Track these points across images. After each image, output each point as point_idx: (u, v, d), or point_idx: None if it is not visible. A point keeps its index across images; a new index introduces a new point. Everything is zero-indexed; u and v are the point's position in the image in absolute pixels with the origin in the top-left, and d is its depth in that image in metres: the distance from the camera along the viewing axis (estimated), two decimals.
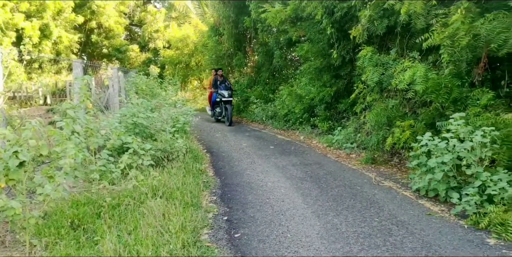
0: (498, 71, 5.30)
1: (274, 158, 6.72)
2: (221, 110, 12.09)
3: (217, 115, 12.55)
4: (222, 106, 11.94)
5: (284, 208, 4.12)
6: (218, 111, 12.38)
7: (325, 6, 7.13)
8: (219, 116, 12.43)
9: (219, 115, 12.40)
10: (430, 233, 3.38)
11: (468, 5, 4.73)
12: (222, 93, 11.61)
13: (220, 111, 12.25)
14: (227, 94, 11.53)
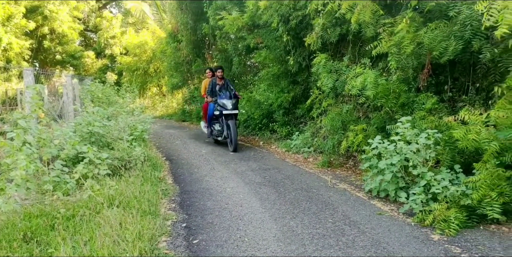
0: (441, 76, 5.64)
1: (233, 164, 6.78)
2: (222, 128, 8.39)
3: (215, 134, 8.71)
4: (223, 122, 8.25)
5: (243, 213, 4.18)
6: (218, 129, 8.55)
7: (280, 14, 7.31)
8: (219, 136, 8.58)
9: (219, 134, 8.55)
10: (380, 231, 3.55)
11: (413, 15, 5.02)
12: (223, 103, 8.10)
13: (220, 129, 8.48)
14: (231, 105, 8.05)
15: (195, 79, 15.65)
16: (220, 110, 8.08)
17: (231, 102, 8.10)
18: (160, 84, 21.55)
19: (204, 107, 9.48)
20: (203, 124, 9.87)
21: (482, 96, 5.01)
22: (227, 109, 8.02)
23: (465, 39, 4.45)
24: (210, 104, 8.73)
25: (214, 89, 8.50)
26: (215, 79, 8.64)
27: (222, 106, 8.08)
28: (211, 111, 8.65)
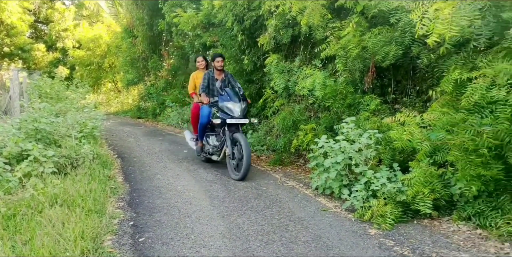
0: (385, 79, 5.93)
1: (186, 162, 6.79)
2: (221, 143, 5.95)
3: (209, 151, 6.19)
4: (223, 135, 5.80)
5: (191, 211, 4.23)
6: (214, 144, 6.14)
7: (235, 13, 7.38)
8: (214, 154, 6.10)
9: (215, 152, 6.09)
10: (322, 227, 3.72)
11: (358, 20, 5.25)
12: (228, 108, 5.66)
13: (217, 145, 6.07)
14: (239, 110, 5.65)
15: (151, 76, 15.42)
16: (222, 118, 5.58)
17: (240, 106, 5.60)
18: (115, 80, 21.05)
19: (193, 111, 6.67)
20: (189, 135, 7.07)
21: (422, 99, 5.32)
22: (234, 116, 5.55)
23: (405, 44, 4.72)
24: (203, 108, 6.01)
25: (212, 87, 6.18)
26: (212, 71, 6.24)
27: (225, 112, 5.61)
28: (205, 118, 6.01)
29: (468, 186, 3.54)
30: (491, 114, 3.57)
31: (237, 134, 5.47)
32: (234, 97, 5.74)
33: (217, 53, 6.40)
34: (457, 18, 3.30)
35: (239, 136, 5.41)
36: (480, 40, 3.75)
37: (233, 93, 5.78)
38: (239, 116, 5.62)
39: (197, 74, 6.81)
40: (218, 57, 6.20)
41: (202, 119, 6.13)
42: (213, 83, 6.24)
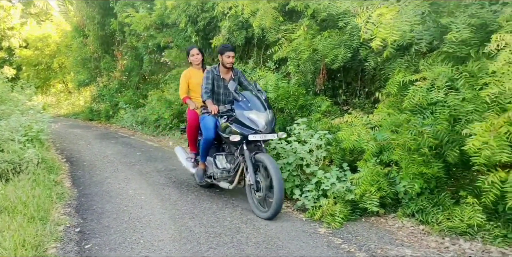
0: (336, 81, 6.09)
1: (139, 165, 6.64)
2: (235, 167, 4.35)
3: (218, 176, 4.52)
4: (246, 158, 4.09)
5: (142, 215, 4.14)
6: (223, 167, 4.47)
7: (188, 14, 7.32)
8: (224, 179, 4.54)
9: (225, 177, 4.49)
10: (273, 227, 3.76)
11: (309, 23, 5.37)
12: (251, 118, 4.11)
13: (228, 168, 4.45)
14: (264, 121, 4.10)
15: (104, 77, 14.96)
16: (242, 134, 4.04)
17: (265, 117, 4.08)
18: (66, 81, 20.23)
19: (189, 122, 4.96)
20: (183, 153, 5.35)
21: (370, 100, 5.51)
22: (258, 130, 4.03)
23: (353, 48, 4.87)
24: (206, 118, 4.51)
25: (218, 89, 4.63)
26: (216, 69, 4.62)
27: (245, 125, 4.07)
28: (210, 131, 4.45)
29: (411, 183, 3.69)
30: (432, 115, 3.76)
31: (261, 155, 3.94)
32: (256, 104, 4.12)
33: (227, 46, 4.57)
34: (399, 23, 3.44)
35: (265, 158, 3.86)
36: (421, 44, 3.93)
37: (255, 99, 4.18)
38: (265, 130, 4.02)
39: (191, 72, 4.99)
40: (229, 52, 4.47)
41: (206, 133, 4.48)
42: (219, 85, 4.62)
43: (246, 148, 4.11)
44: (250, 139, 4.01)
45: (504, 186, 3.09)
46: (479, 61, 3.50)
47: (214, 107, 4.28)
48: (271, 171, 3.77)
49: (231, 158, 4.50)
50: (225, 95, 4.69)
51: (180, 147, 5.66)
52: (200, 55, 5.05)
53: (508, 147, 3.01)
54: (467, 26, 3.51)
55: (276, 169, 3.78)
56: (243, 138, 4.06)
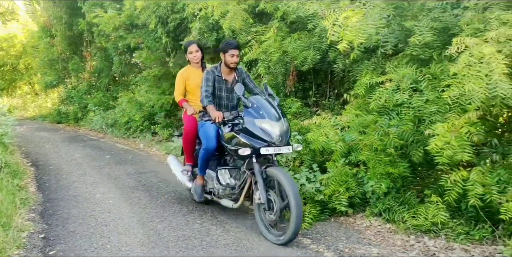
0: (306, 83, 6.15)
1: (108, 168, 6.50)
2: (241, 183, 3.75)
3: (216, 193, 4.02)
4: (256, 173, 3.47)
5: (109, 219, 4.05)
6: (227, 183, 3.90)
7: (158, 15, 7.24)
8: (227, 196, 3.94)
9: (227, 194, 3.92)
10: (244, 229, 3.75)
11: (279, 25, 5.40)
12: (264, 128, 3.44)
13: (233, 184, 3.87)
14: (279, 132, 3.43)
15: (72, 78, 14.58)
16: (253, 146, 3.44)
17: (280, 126, 3.46)
18: (32, 82, 19.58)
19: (186, 128, 4.28)
20: (178, 165, 4.71)
21: (340, 102, 5.59)
22: (272, 142, 3.42)
23: (322, 50, 4.94)
24: (206, 126, 3.92)
25: (219, 93, 4.00)
26: (217, 69, 3.98)
27: (255, 135, 3.46)
28: (211, 140, 3.86)
29: (378, 183, 3.76)
30: (397, 116, 3.85)
31: (273, 169, 3.40)
32: (270, 112, 3.48)
33: (231, 42, 3.90)
34: (365, 26, 3.51)
35: (278, 172, 3.34)
36: (387, 47, 4.02)
37: (268, 105, 3.54)
38: (280, 142, 3.42)
39: (189, 71, 4.36)
40: (234, 50, 3.83)
41: (207, 142, 3.87)
42: (221, 88, 3.98)
43: (256, 161, 3.48)
44: (263, 153, 3.40)
45: (465, 184, 3.19)
46: (441, 64, 3.60)
47: (218, 114, 3.60)
48: (287, 188, 3.22)
49: (236, 173, 3.89)
50: (227, 99, 4.03)
51: (173, 157, 4.95)
52: (199, 52, 4.38)
53: (468, 147, 3.12)
54: (430, 30, 3.61)
55: (293, 186, 3.23)
56: (253, 151, 3.44)
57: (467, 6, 3.59)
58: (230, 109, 3.99)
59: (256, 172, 3.48)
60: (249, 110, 3.55)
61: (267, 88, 3.77)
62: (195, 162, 4.30)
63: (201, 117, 4.04)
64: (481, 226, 3.34)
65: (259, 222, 3.61)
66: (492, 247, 3.18)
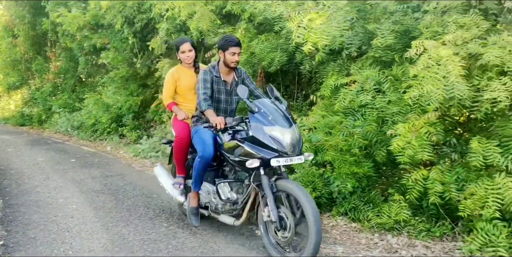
0: (275, 84, 6.17)
1: (73, 172, 6.33)
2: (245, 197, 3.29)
3: (213, 208, 3.59)
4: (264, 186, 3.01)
5: (72, 225, 3.94)
6: (228, 198, 3.45)
7: (124, 15, 7.11)
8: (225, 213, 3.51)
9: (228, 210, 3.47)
10: (210, 232, 3.73)
11: (247, 26, 5.41)
12: (274, 137, 2.99)
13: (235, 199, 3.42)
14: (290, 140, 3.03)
15: (36, 79, 14.12)
16: (263, 157, 3.01)
17: (292, 134, 3.07)
18: None
19: (177, 134, 3.80)
20: (168, 178, 4.15)
21: (307, 103, 5.64)
22: (283, 152, 3.01)
23: (289, 51, 4.97)
24: (201, 132, 3.48)
25: (218, 96, 3.55)
26: (215, 69, 3.55)
27: (263, 144, 3.02)
28: (207, 148, 3.40)
29: (344, 183, 3.82)
30: (362, 117, 3.92)
31: (285, 182, 3.02)
32: (279, 118, 3.07)
33: (232, 39, 3.44)
34: (328, 28, 3.56)
35: (292, 186, 2.95)
36: (351, 49, 4.09)
37: (276, 110, 3.12)
38: (292, 152, 3.02)
39: (180, 71, 3.90)
40: (235, 47, 3.40)
41: (203, 150, 3.39)
42: (220, 90, 3.52)
43: (264, 173, 3.04)
44: (273, 164, 2.97)
45: (426, 183, 3.29)
46: (402, 66, 3.70)
47: (219, 120, 3.12)
48: (305, 205, 2.79)
49: (238, 186, 3.44)
50: (226, 103, 3.58)
51: (161, 167, 4.33)
52: (193, 51, 3.90)
53: (428, 146, 3.21)
54: (391, 32, 3.71)
55: (310, 200, 2.85)
56: (264, 162, 2.99)
57: (427, 10, 3.70)
58: (229, 114, 3.59)
59: (264, 186, 3.01)
60: (255, 116, 3.07)
61: (273, 90, 3.31)
62: (188, 173, 3.87)
63: (194, 122, 3.63)
64: (441, 223, 3.46)
65: (268, 244, 3.14)
66: (452, 244, 3.29)
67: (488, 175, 3.09)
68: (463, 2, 3.54)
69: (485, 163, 3.01)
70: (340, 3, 3.84)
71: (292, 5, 4.38)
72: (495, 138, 3.12)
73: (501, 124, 3.14)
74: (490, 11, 3.50)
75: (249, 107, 3.11)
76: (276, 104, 3.19)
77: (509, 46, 3.03)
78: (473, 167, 3.10)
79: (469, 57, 3.18)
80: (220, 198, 3.45)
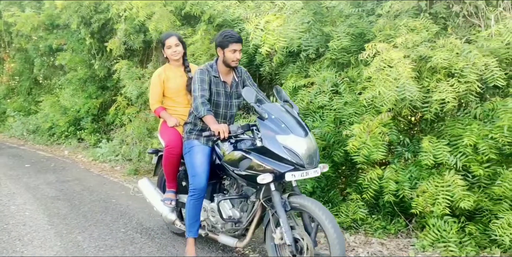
0: None
1: (27, 178, 6.07)
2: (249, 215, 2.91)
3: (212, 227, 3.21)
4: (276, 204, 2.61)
5: (24, 232, 3.77)
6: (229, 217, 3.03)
7: (81, 15, 6.89)
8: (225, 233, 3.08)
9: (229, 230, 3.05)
10: (170, 235, 3.67)
11: (207, 28, 5.37)
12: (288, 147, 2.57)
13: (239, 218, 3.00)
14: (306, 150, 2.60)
15: None
16: (275, 171, 2.58)
17: (309, 143, 2.65)
18: None
19: (171, 146, 3.30)
20: (154, 192, 3.76)
21: None
22: (301, 165, 2.58)
23: (250, 53, 4.97)
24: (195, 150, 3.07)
25: (217, 98, 3.07)
26: (212, 67, 3.07)
27: (277, 157, 2.59)
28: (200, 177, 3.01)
29: (303, 183, 3.85)
30: (320, 118, 3.97)
31: (300, 199, 2.62)
32: (293, 125, 2.67)
33: (233, 34, 3.00)
34: (285, 30, 3.59)
35: (309, 203, 2.58)
36: (309, 51, 4.14)
37: (288, 116, 2.72)
38: (309, 164, 2.61)
39: (168, 71, 3.50)
40: (235, 44, 2.96)
41: (194, 183, 3.01)
42: (219, 92, 3.05)
43: (275, 189, 2.64)
44: (288, 179, 2.56)
45: (381, 182, 3.37)
46: (358, 68, 3.78)
47: (222, 128, 2.65)
48: (328, 231, 2.42)
49: (243, 203, 3.01)
50: (226, 107, 3.10)
51: (147, 180, 3.85)
52: (180, 46, 3.46)
53: (382, 146, 3.30)
54: (347, 35, 3.78)
55: (335, 226, 2.44)
56: (278, 176, 2.58)
57: (381, 14, 3.80)
58: (229, 120, 3.15)
59: (276, 204, 2.60)
60: (265, 123, 2.64)
61: (282, 93, 2.89)
62: (179, 187, 3.50)
63: (187, 133, 3.13)
64: (396, 221, 3.56)
65: None
66: (406, 240, 3.39)
67: (439, 173, 3.20)
68: (414, 6, 3.66)
69: (435, 161, 3.12)
70: (296, 6, 3.89)
71: (251, 7, 4.40)
72: (444, 137, 3.24)
73: (450, 124, 3.27)
74: (440, 15, 3.64)
75: (257, 113, 2.67)
76: (287, 109, 2.77)
77: (456, 49, 3.17)
78: (424, 165, 3.21)
79: (420, 59, 3.30)
80: (221, 216, 2.98)
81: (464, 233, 3.14)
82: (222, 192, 3.18)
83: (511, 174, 2.98)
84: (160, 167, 3.62)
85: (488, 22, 3.41)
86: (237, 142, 2.90)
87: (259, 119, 2.68)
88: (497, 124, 2.99)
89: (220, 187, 3.22)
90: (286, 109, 2.77)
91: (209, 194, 3.18)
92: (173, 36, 3.47)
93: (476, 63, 2.99)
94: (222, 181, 3.20)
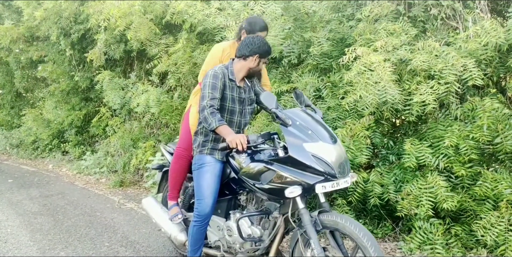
0: None
1: (9, 193, 5.93)
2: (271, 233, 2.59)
3: (236, 248, 2.76)
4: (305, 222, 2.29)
5: (5, 250, 3.66)
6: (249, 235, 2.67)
7: (60, 26, 6.82)
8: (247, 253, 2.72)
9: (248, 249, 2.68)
10: (155, 247, 3.60)
11: (188, 37, 5.35)
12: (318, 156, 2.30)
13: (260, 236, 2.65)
14: (336, 158, 2.34)
15: None
16: (304, 183, 2.28)
17: (339, 151, 2.41)
18: None
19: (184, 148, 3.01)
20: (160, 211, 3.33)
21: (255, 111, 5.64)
22: (333, 175, 2.30)
23: None
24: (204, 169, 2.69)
25: (232, 105, 2.74)
26: (228, 68, 2.73)
27: (305, 166, 2.30)
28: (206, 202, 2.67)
29: None
30: None
31: (332, 217, 2.31)
32: (320, 132, 2.43)
33: (267, 47, 2.71)
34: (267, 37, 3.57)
35: (343, 222, 2.25)
36: (291, 57, 4.14)
37: (314, 122, 2.48)
38: (341, 174, 2.34)
39: (232, 48, 3.07)
40: (268, 56, 2.77)
41: (200, 206, 2.69)
42: (233, 98, 2.74)
43: (304, 206, 2.36)
44: (318, 191, 2.28)
45: (366, 185, 3.36)
46: (340, 72, 3.79)
47: (241, 139, 2.35)
48: (367, 250, 2.14)
49: (264, 220, 2.68)
50: (241, 114, 2.80)
51: (152, 199, 3.53)
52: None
53: (366, 150, 3.29)
54: (327, 40, 3.79)
55: (374, 242, 2.18)
56: (307, 188, 2.29)
57: (360, 18, 3.83)
58: (242, 129, 2.85)
59: (306, 224, 2.30)
60: (289, 129, 2.39)
61: (303, 96, 2.65)
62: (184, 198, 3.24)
63: (200, 146, 2.73)
64: (383, 224, 3.55)
65: None
66: (393, 243, 3.38)
67: (422, 175, 3.21)
68: (393, 10, 3.69)
69: (418, 163, 3.13)
70: (276, 13, 3.89)
71: (231, 14, 4.39)
72: (426, 139, 3.26)
73: (432, 126, 3.28)
74: (418, 18, 3.67)
75: (280, 119, 2.41)
76: (311, 114, 2.54)
77: (435, 51, 3.19)
78: (408, 167, 3.21)
79: (400, 62, 3.32)
80: (241, 235, 2.66)
81: (450, 234, 3.14)
82: (238, 208, 2.86)
83: (491, 174, 2.99)
84: (164, 183, 3.43)
85: (466, 24, 3.45)
86: (254, 153, 2.60)
87: (282, 126, 2.43)
88: (477, 124, 3.02)
89: (235, 203, 2.87)
90: (310, 114, 2.54)
91: (223, 211, 2.87)
92: (265, 32, 3.13)
93: (455, 64, 3.01)
94: (238, 196, 2.85)
